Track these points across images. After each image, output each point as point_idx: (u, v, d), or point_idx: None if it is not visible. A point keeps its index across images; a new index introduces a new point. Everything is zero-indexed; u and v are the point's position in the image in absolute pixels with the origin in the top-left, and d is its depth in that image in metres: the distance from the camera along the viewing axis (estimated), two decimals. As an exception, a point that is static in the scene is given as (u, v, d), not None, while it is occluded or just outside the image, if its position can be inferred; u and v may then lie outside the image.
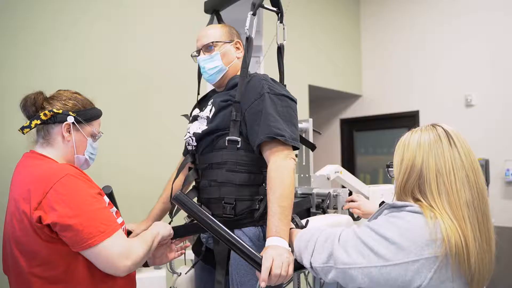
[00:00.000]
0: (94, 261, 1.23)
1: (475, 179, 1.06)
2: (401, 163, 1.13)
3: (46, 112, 1.32)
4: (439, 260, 0.98)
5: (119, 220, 1.35)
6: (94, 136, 1.44)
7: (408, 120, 5.11)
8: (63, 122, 1.35)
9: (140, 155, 3.11)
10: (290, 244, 1.31)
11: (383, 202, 1.58)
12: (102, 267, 1.23)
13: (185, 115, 1.85)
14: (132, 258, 1.25)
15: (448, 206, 1.03)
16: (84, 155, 1.42)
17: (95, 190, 1.29)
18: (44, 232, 1.19)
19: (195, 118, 1.70)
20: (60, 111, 1.35)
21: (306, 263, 1.21)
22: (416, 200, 1.10)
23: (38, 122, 1.32)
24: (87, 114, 1.41)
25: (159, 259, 1.58)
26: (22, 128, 1.33)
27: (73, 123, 1.36)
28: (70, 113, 1.36)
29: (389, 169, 1.26)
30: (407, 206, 1.07)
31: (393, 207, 1.11)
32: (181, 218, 1.77)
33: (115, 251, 1.22)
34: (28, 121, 1.33)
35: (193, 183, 1.72)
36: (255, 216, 1.52)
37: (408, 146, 1.13)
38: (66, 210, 1.18)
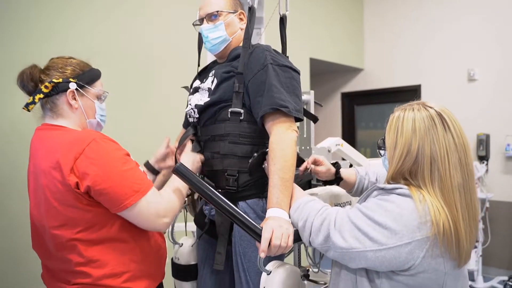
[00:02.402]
0: (132, 220, 1.26)
1: (465, 160, 1.07)
2: (395, 148, 1.12)
3: (47, 84, 1.29)
4: (430, 240, 1.01)
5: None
6: (99, 97, 1.42)
7: (409, 94, 5.07)
8: (66, 91, 1.32)
9: (140, 128, 3.11)
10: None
11: (336, 162, 1.62)
12: (142, 226, 1.28)
13: (186, 87, 1.84)
14: (169, 215, 1.30)
15: (439, 192, 1.04)
16: (95, 118, 1.40)
17: (123, 151, 1.28)
18: (84, 198, 1.20)
19: (196, 90, 1.69)
20: (60, 80, 1.31)
21: (305, 242, 1.23)
22: (406, 180, 1.11)
23: (41, 96, 1.30)
24: (88, 76, 1.38)
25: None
26: (27, 105, 1.30)
27: (76, 89, 1.33)
28: (71, 79, 1.33)
29: (380, 150, 1.26)
30: (396, 188, 1.08)
31: (382, 189, 1.12)
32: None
33: (152, 209, 1.26)
34: (31, 97, 1.30)
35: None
36: (249, 163, 1.50)
37: (402, 130, 1.11)
38: (98, 174, 1.19)
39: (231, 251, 1.60)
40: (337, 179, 1.60)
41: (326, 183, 1.62)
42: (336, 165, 1.61)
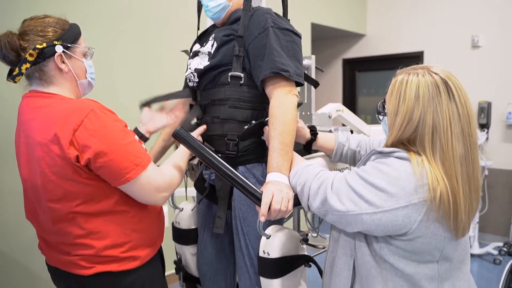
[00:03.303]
0: (132, 194, 1.24)
1: (468, 131, 1.04)
2: (396, 115, 1.08)
3: (31, 51, 1.18)
4: (427, 204, 1.00)
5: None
6: (86, 55, 1.32)
7: (412, 61, 4.90)
8: (53, 55, 1.22)
9: (140, 94, 3.07)
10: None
11: (312, 126, 1.60)
12: (141, 200, 1.26)
13: (185, 51, 1.81)
14: (168, 190, 1.29)
15: (440, 163, 1.01)
16: (86, 78, 1.33)
17: (121, 123, 1.23)
18: (83, 171, 1.17)
19: (195, 54, 1.66)
20: (44, 45, 1.20)
21: (304, 206, 1.23)
22: (406, 146, 1.08)
23: (28, 65, 1.19)
24: (71, 35, 1.27)
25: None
26: (13, 78, 1.21)
27: (63, 51, 1.24)
28: (55, 42, 1.22)
29: (379, 115, 1.23)
30: (394, 152, 1.06)
31: (381, 153, 1.10)
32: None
33: (152, 184, 1.24)
34: (17, 68, 1.20)
35: (195, 120, 1.71)
36: (248, 130, 1.51)
37: (405, 97, 1.06)
38: (99, 147, 1.14)
39: (231, 215, 1.62)
40: (308, 143, 1.59)
41: (305, 147, 1.61)
42: (311, 127, 1.60)
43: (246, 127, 1.50)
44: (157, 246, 1.37)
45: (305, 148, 1.62)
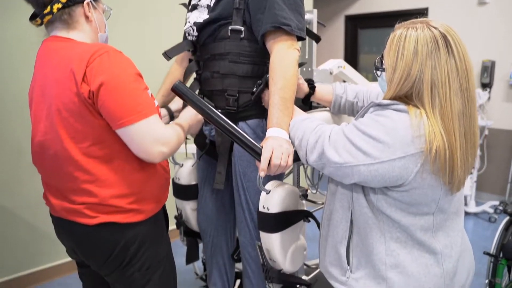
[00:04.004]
0: (128, 142, 1.20)
1: (467, 86, 1.03)
2: (395, 70, 1.07)
3: None
4: (424, 155, 0.99)
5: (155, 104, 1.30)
6: (104, 12, 1.38)
7: (416, 18, 4.89)
8: (83, 2, 1.26)
9: (138, 49, 3.02)
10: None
11: (310, 79, 1.58)
12: (136, 150, 1.21)
13: (184, 4, 1.76)
14: (167, 145, 1.23)
15: (440, 118, 1.01)
16: (105, 32, 1.37)
17: (135, 70, 1.22)
18: (94, 108, 1.16)
19: (194, 7, 1.61)
20: None
21: (302, 159, 1.23)
22: (404, 101, 1.07)
23: (60, 5, 1.21)
24: None
25: None
26: (42, 17, 1.23)
27: (90, 1, 1.28)
28: None
29: (378, 71, 1.21)
30: (393, 104, 1.05)
31: (379, 105, 1.09)
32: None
33: (151, 134, 1.20)
34: (48, 7, 1.21)
35: (194, 75, 1.69)
36: (252, 98, 1.50)
37: (403, 52, 1.05)
38: (107, 84, 1.13)
39: (231, 171, 1.62)
40: (307, 96, 1.58)
41: (303, 102, 1.59)
42: (308, 80, 1.58)
43: (254, 90, 1.49)
44: (162, 202, 1.37)
45: (304, 102, 1.60)
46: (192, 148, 1.97)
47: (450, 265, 1.12)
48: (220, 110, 1.36)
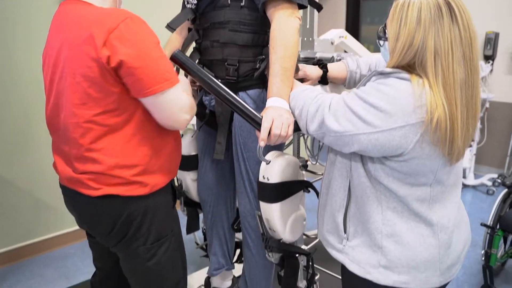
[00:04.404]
0: (155, 109, 1.20)
1: (470, 55, 1.01)
2: (397, 39, 1.04)
3: None
4: (425, 125, 0.99)
5: None
6: None
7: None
8: None
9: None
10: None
11: (319, 60, 1.55)
12: (163, 118, 1.22)
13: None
14: (190, 113, 1.25)
15: (442, 88, 0.99)
16: (122, 4, 1.35)
17: (156, 38, 1.19)
18: (111, 76, 1.13)
19: (194, -26, 1.57)
20: None
21: (302, 129, 1.23)
22: (407, 69, 1.06)
23: None
24: None
25: None
26: None
27: None
28: None
29: (380, 40, 1.19)
30: (395, 72, 1.04)
31: (381, 74, 1.07)
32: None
33: (178, 102, 1.21)
34: None
35: (194, 44, 1.66)
36: (255, 75, 1.49)
37: (406, 20, 1.02)
38: (132, 51, 1.11)
39: (231, 141, 1.62)
40: (324, 80, 1.55)
41: (319, 83, 1.58)
42: (321, 65, 1.56)
43: (257, 66, 1.48)
44: (170, 176, 1.35)
45: (322, 82, 1.58)
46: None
47: (446, 236, 1.13)
48: (220, 80, 1.34)
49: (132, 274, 1.38)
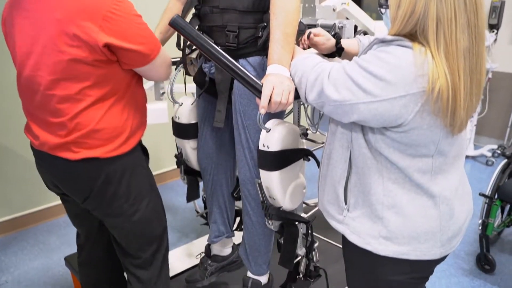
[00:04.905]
0: (150, 71, 1.36)
1: (475, 22, 0.97)
2: (399, 7, 1.01)
3: None
4: (426, 94, 0.97)
5: None
6: None
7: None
8: None
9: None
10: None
11: (335, 33, 1.50)
12: (156, 76, 1.43)
13: None
14: (171, 64, 1.45)
15: (444, 57, 0.97)
16: None
17: (136, 11, 1.28)
18: (104, 54, 1.21)
19: None
20: None
21: (302, 98, 1.21)
22: (409, 38, 1.03)
23: None
24: None
25: None
26: None
27: None
28: None
29: (381, 8, 1.15)
30: (397, 40, 1.01)
31: (383, 41, 1.05)
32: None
33: (166, 60, 1.40)
34: None
35: (193, 10, 1.63)
36: (258, 44, 1.47)
37: None
38: (126, 32, 1.22)
39: (231, 109, 1.61)
40: (338, 50, 1.50)
41: (327, 56, 1.54)
42: (335, 35, 1.52)
43: (260, 35, 1.46)
44: (143, 129, 1.44)
45: (329, 56, 1.52)
46: (191, 87, 1.95)
47: (447, 208, 1.12)
48: (220, 47, 1.32)
49: (119, 231, 1.44)
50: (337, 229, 1.23)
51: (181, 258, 2.34)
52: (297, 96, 1.26)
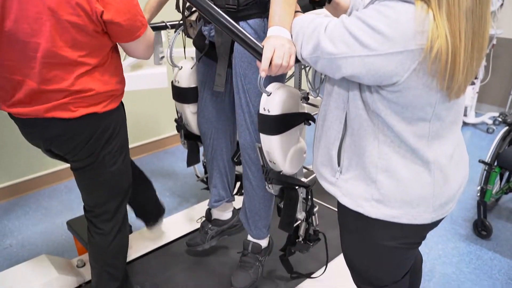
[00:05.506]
0: (135, 49, 1.42)
1: None
2: None
3: None
4: (424, 52, 0.94)
5: None
6: None
7: None
8: None
9: None
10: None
11: None
12: (137, 54, 1.47)
13: None
14: (153, 46, 1.48)
15: (446, 18, 0.93)
16: None
17: None
18: (99, 26, 1.28)
19: None
20: None
21: (297, 55, 1.18)
22: None
23: None
24: None
25: None
26: None
27: None
28: None
29: None
30: None
31: None
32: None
33: (150, 39, 1.45)
34: None
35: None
36: (258, 5, 1.43)
37: None
38: (120, 7, 1.27)
39: (231, 73, 1.59)
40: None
41: (315, 3, 1.49)
42: None
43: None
44: (123, 92, 1.51)
45: (317, 4, 1.47)
46: (191, 51, 1.92)
47: (441, 174, 1.12)
48: (220, 9, 1.29)
49: (94, 182, 1.53)
50: (329, 191, 1.23)
51: (182, 222, 2.37)
52: (298, 59, 1.24)
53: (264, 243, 1.88)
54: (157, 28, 1.86)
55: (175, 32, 1.84)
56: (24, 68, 1.28)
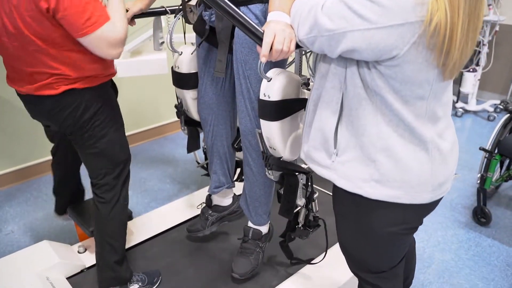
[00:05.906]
0: (89, 45, 1.42)
1: None
2: None
3: None
4: (424, 25, 0.94)
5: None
6: None
7: None
8: None
9: None
10: None
11: None
12: (97, 53, 1.45)
13: None
14: (122, 43, 1.45)
15: None
16: None
17: None
18: (53, 19, 1.34)
19: None
20: None
21: (296, 38, 1.17)
22: None
23: None
24: None
25: None
26: None
27: None
28: None
29: None
30: None
31: None
32: None
33: (106, 40, 1.41)
34: None
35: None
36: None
37: None
38: (64, 1, 1.30)
39: (232, 59, 1.58)
40: None
41: None
42: None
43: None
44: (106, 73, 1.60)
45: None
46: (191, 37, 1.91)
47: (439, 153, 1.12)
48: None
49: (90, 154, 1.66)
50: (322, 176, 1.22)
51: (182, 208, 2.38)
52: (298, 45, 1.23)
53: (264, 229, 1.89)
54: (156, 13, 1.85)
55: (174, 17, 1.82)
56: (13, 55, 1.46)
